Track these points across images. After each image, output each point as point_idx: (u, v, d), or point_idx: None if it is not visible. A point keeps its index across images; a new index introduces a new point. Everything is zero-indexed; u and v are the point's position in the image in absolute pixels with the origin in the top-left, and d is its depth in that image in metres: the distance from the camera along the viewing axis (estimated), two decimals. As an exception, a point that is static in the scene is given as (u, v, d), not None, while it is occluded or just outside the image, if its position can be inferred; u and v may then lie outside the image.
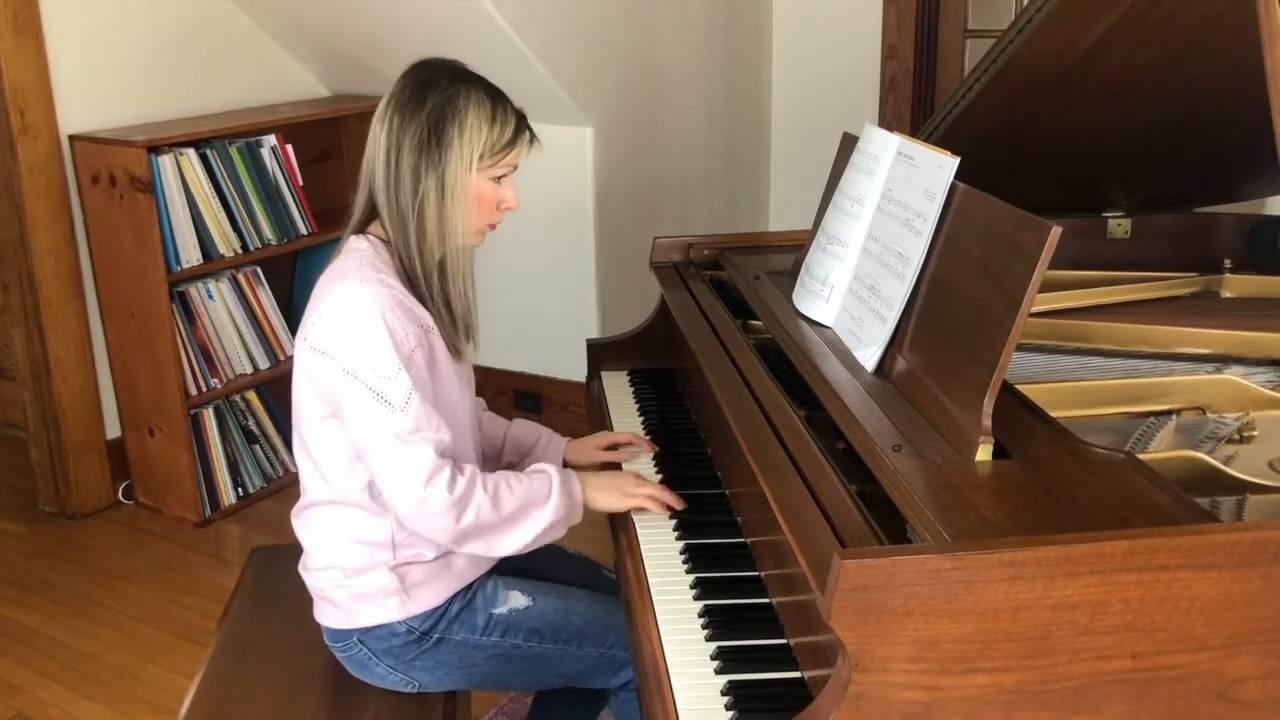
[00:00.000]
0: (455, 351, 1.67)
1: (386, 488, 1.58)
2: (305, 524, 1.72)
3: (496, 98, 1.64)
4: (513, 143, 1.64)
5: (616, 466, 1.89)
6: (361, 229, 1.68)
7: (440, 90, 1.60)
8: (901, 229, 1.62)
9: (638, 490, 1.71)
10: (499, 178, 1.65)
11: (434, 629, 1.67)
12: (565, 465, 1.93)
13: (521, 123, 1.66)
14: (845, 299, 1.75)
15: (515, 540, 1.63)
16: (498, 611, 1.69)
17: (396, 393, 1.54)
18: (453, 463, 1.58)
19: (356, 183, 1.70)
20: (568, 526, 1.68)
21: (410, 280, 1.63)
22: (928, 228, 1.55)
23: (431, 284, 1.64)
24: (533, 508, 1.63)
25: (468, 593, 1.69)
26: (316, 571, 1.70)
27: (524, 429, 1.97)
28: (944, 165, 1.56)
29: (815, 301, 1.81)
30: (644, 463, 1.90)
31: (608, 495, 1.71)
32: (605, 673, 1.74)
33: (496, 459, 1.95)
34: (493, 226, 1.70)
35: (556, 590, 1.75)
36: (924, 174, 1.60)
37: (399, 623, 1.65)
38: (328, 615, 1.71)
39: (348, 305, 1.57)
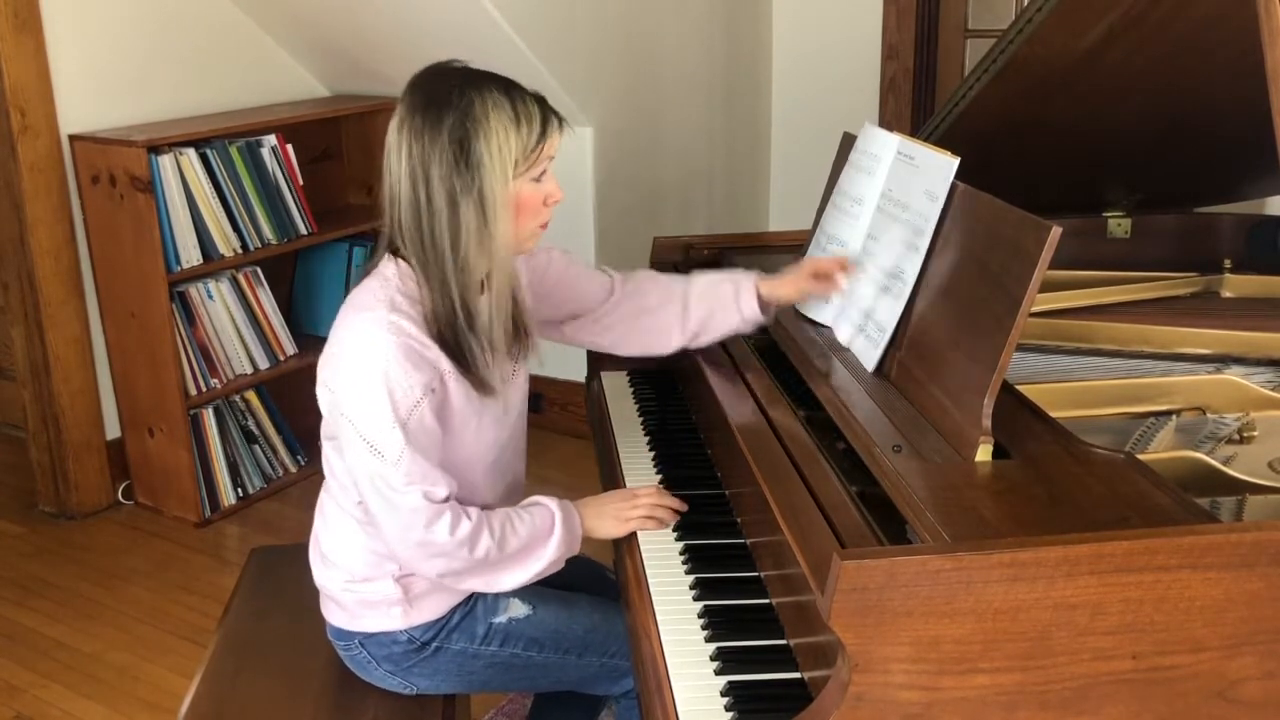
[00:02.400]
0: (483, 388, 1.57)
1: (383, 529, 1.56)
2: (322, 514, 1.71)
3: (512, 93, 1.51)
4: (543, 136, 1.52)
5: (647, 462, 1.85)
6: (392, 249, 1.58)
7: (454, 105, 1.47)
8: (902, 229, 1.62)
9: (633, 512, 1.68)
10: (539, 176, 1.54)
11: (434, 638, 1.66)
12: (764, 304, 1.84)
13: (545, 110, 1.53)
14: (844, 299, 1.75)
15: (516, 577, 1.62)
16: (497, 620, 1.67)
17: (389, 447, 1.49)
18: (455, 505, 1.55)
19: (357, 182, 1.66)
20: (567, 557, 1.67)
21: (438, 313, 1.52)
22: (929, 228, 1.55)
23: (470, 307, 1.53)
24: (536, 545, 1.62)
25: (469, 601, 1.68)
26: (326, 566, 1.69)
27: (704, 297, 1.84)
28: (944, 165, 1.56)
29: (814, 301, 1.81)
30: (643, 463, 1.90)
31: (605, 523, 1.68)
32: (606, 681, 1.73)
33: (681, 312, 1.84)
34: (544, 226, 1.58)
35: (559, 598, 1.73)
36: (924, 174, 1.60)
37: (400, 631, 1.65)
38: (332, 613, 1.71)
39: (353, 352, 1.51)
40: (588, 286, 1.88)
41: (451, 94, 1.48)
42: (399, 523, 1.53)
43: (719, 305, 1.84)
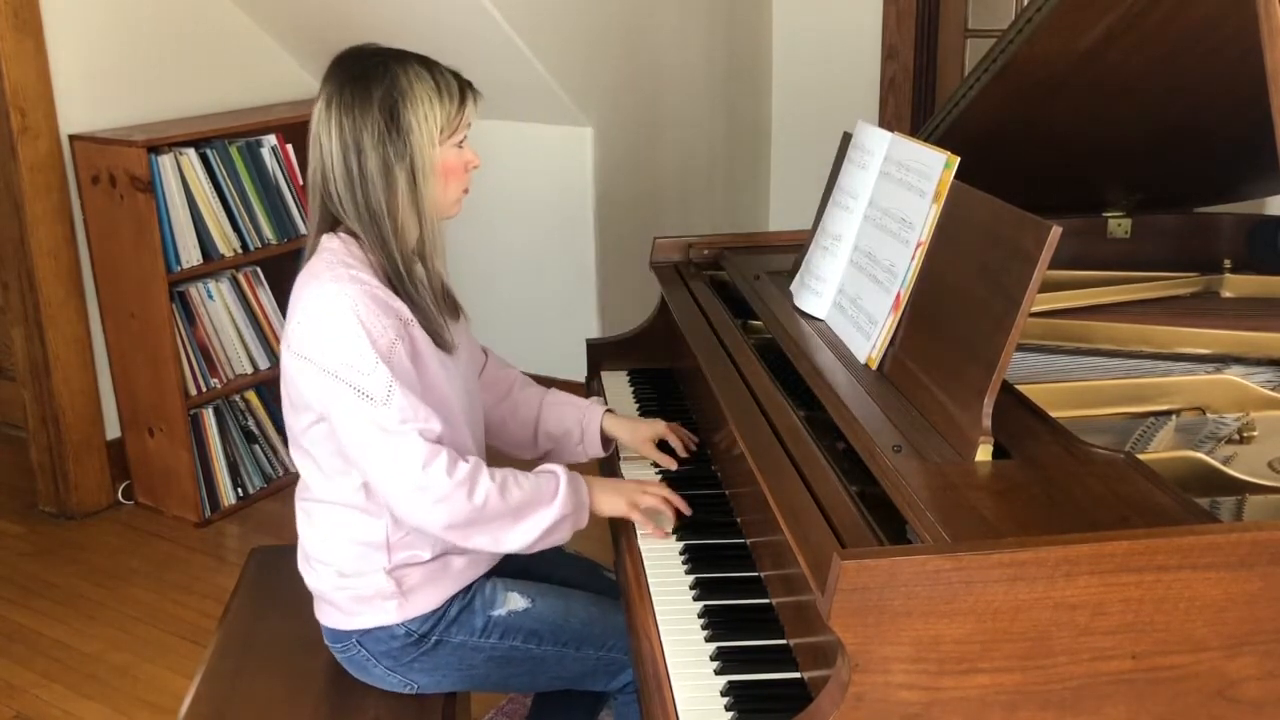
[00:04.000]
0: (442, 342, 1.64)
1: (381, 483, 1.56)
2: (305, 516, 1.72)
3: (431, 66, 1.63)
4: (463, 105, 1.63)
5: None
6: (325, 231, 1.66)
7: (380, 79, 1.58)
8: (892, 223, 1.62)
9: (644, 499, 1.69)
10: (460, 142, 1.65)
11: (432, 631, 1.66)
12: (608, 439, 1.92)
13: (461, 81, 1.65)
14: (841, 296, 1.75)
15: (522, 536, 1.61)
16: (496, 613, 1.68)
17: (377, 387, 1.53)
18: (451, 450, 1.57)
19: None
20: (574, 528, 1.66)
21: (389, 273, 1.61)
22: (918, 221, 1.55)
23: (413, 271, 1.63)
24: (540, 504, 1.61)
25: (467, 594, 1.69)
26: (315, 568, 1.70)
27: (555, 419, 1.92)
28: (934, 159, 1.56)
29: (812, 297, 1.82)
30: (643, 462, 1.90)
31: (612, 500, 1.69)
32: (604, 676, 1.74)
33: (531, 443, 1.93)
34: (466, 191, 1.69)
35: (556, 592, 1.74)
36: (923, 173, 1.60)
37: (397, 625, 1.65)
38: (327, 615, 1.71)
39: (321, 306, 1.56)
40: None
41: (376, 69, 1.60)
42: (397, 469, 1.54)
43: (562, 447, 1.92)
